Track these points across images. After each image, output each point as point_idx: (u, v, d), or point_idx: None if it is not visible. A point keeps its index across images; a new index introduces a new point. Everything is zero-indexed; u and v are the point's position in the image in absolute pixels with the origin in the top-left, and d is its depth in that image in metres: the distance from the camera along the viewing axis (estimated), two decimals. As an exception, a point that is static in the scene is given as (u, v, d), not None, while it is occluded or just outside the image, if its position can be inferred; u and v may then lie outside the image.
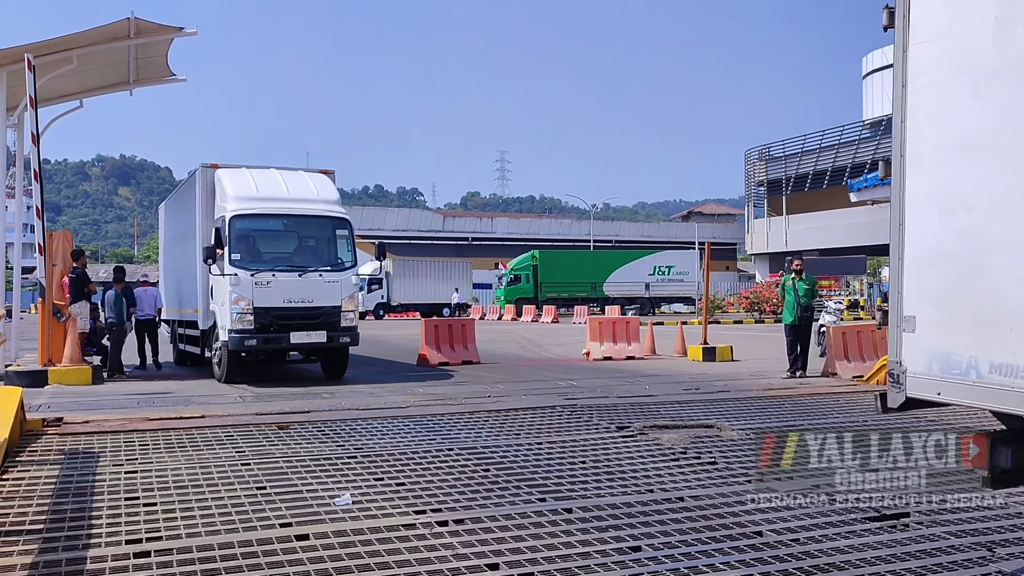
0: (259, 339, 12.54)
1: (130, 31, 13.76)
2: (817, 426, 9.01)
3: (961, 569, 4.61)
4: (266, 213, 13.25)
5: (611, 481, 6.60)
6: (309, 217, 13.62)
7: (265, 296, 12.56)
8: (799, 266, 13.57)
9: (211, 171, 13.96)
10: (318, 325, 12.88)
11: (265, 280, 12.61)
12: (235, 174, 13.77)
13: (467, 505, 5.89)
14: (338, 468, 7.00)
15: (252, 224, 13.16)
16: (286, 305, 12.70)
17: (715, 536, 5.20)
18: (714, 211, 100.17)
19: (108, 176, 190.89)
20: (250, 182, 13.55)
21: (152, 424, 8.91)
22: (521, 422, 9.38)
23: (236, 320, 12.43)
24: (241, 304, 12.43)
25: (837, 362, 13.32)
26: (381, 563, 4.67)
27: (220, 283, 12.85)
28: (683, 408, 10.27)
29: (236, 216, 12.83)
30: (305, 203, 13.59)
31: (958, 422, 9.20)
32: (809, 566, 4.66)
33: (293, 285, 12.84)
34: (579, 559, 4.76)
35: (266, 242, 13.62)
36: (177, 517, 5.57)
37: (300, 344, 12.96)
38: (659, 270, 49.86)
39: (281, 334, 12.70)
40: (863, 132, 55.37)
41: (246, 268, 12.62)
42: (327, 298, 13.03)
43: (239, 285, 12.48)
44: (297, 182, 14.02)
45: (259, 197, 13.28)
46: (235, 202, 13.02)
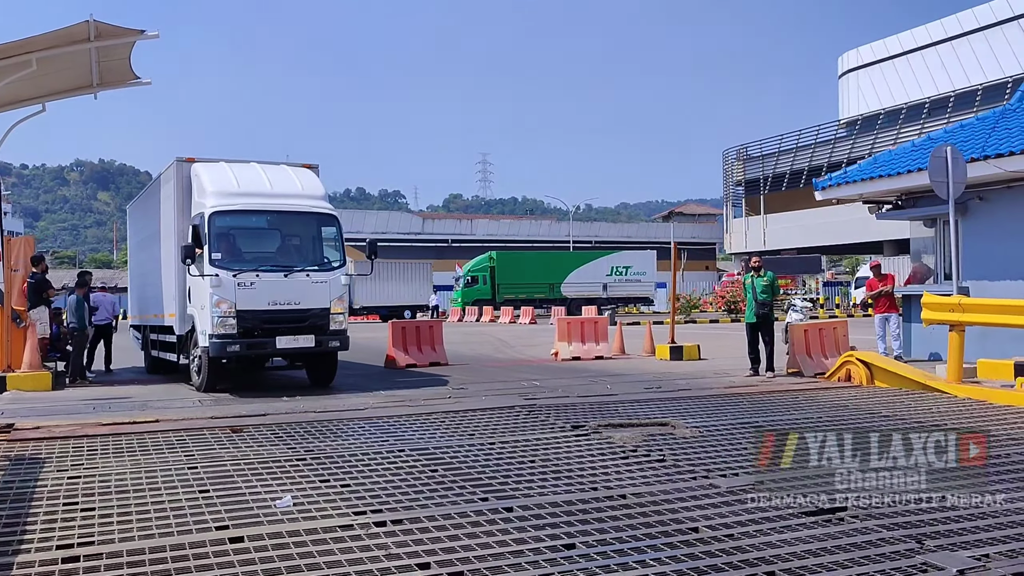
0: (242, 344, 11.77)
1: (90, 34, 13.59)
2: (770, 424, 9.05)
3: (888, 560, 4.64)
4: (248, 209, 12.48)
5: (557, 479, 6.61)
6: (294, 213, 12.88)
7: (248, 298, 11.77)
8: (757, 263, 13.65)
9: (187, 165, 13.11)
10: (306, 329, 12.13)
11: (248, 281, 11.82)
12: (214, 168, 12.97)
13: (408, 506, 5.88)
14: (285, 471, 6.98)
15: (233, 221, 12.39)
16: (271, 308, 11.94)
17: (651, 532, 5.21)
18: (695, 211, 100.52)
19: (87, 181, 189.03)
20: (230, 177, 12.73)
21: (103, 429, 8.85)
22: (477, 422, 9.38)
23: (217, 324, 11.65)
24: (223, 307, 11.63)
25: (800, 359, 13.40)
26: (311, 564, 4.66)
27: (199, 285, 12.03)
28: (641, 407, 10.30)
29: (216, 213, 12.04)
30: (289, 199, 12.84)
31: (899, 417, 9.30)
32: (739, 560, 4.68)
33: (278, 286, 12.05)
34: (511, 557, 4.77)
35: (248, 240, 12.91)
36: (113, 522, 5.53)
37: (287, 349, 12.20)
38: (616, 270, 49.90)
39: (266, 339, 11.92)
40: (839, 131, 55.79)
41: (228, 268, 11.81)
42: (315, 300, 12.28)
43: (220, 287, 11.66)
44: (280, 177, 13.25)
45: (240, 192, 12.46)
46: (214, 198, 12.24)
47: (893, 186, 15.40)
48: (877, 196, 16.39)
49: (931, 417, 9.29)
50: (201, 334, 12.04)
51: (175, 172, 13.15)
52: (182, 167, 13.10)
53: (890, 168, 15.40)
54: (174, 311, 13.16)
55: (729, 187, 63.74)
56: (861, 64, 56.24)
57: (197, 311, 12.23)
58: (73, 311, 14.18)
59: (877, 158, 17.28)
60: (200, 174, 12.73)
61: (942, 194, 12.05)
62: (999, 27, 46.56)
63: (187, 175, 13.02)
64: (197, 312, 12.23)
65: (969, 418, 9.22)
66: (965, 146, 14.06)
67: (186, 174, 13.05)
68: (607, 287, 48.68)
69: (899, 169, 15.04)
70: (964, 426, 8.67)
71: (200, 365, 12.35)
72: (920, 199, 15.28)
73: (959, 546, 4.87)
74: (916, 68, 51.45)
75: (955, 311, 10.99)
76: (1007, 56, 44.96)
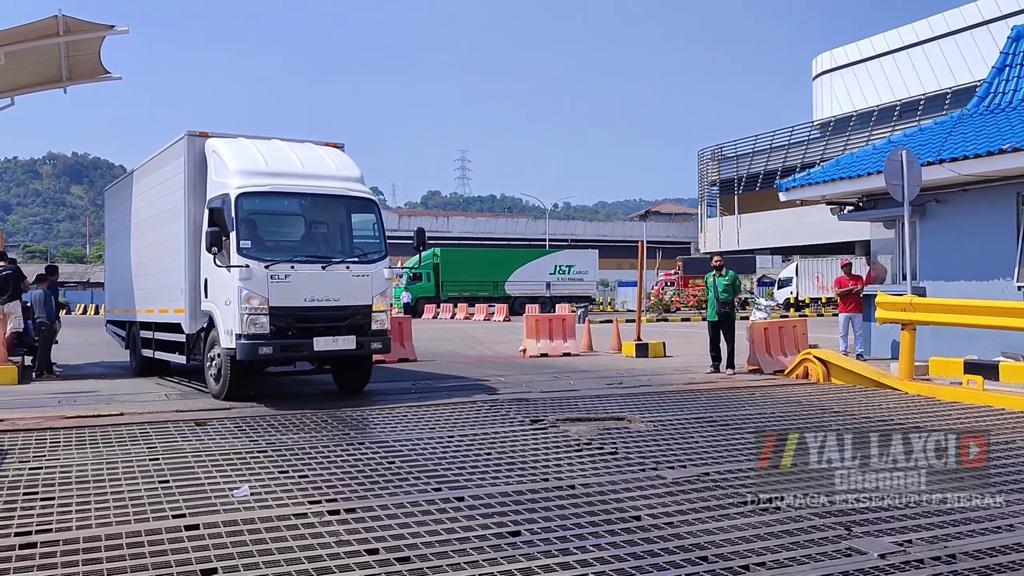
0: (276, 346, 10.24)
1: (59, 28, 13.63)
2: (723, 419, 9.30)
3: (816, 546, 4.88)
4: (280, 191, 10.93)
5: (510, 471, 6.81)
6: (330, 197, 11.31)
7: (283, 293, 10.29)
8: (718, 262, 13.94)
9: (200, 140, 11.46)
10: (345, 329, 10.66)
11: (282, 274, 10.32)
12: (235, 144, 11.37)
13: (363, 495, 6.05)
14: (246, 462, 7.13)
15: (264, 204, 10.95)
16: (308, 304, 10.45)
17: (594, 520, 5.42)
18: (671, 210, 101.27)
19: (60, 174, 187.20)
20: (255, 154, 11.14)
21: (68, 422, 8.95)
22: (439, 416, 9.57)
23: (247, 323, 10.12)
24: (253, 303, 10.13)
25: (759, 357, 13.70)
26: (264, 550, 4.82)
27: (222, 277, 10.49)
28: (601, 402, 10.54)
29: (244, 194, 10.47)
30: (324, 180, 11.23)
31: (849, 413, 9.58)
32: (675, 546, 4.90)
33: (315, 280, 10.56)
34: (457, 543, 4.96)
35: (280, 227, 11.62)
36: (72, 511, 5.67)
37: (325, 352, 10.66)
38: (559, 269, 50.19)
39: (302, 340, 10.40)
40: (812, 133, 56.38)
41: (259, 259, 10.27)
42: (356, 296, 10.83)
43: (251, 280, 10.13)
44: (310, 156, 11.65)
45: (269, 172, 10.87)
46: (240, 177, 10.62)
47: (854, 188, 15.74)
48: (839, 197, 16.73)
49: (880, 413, 9.58)
50: (226, 334, 10.46)
51: (185, 148, 11.49)
52: (194, 142, 11.47)
53: (851, 170, 15.74)
54: (182, 306, 11.56)
55: (704, 187, 64.20)
56: (835, 66, 56.88)
57: (218, 307, 10.73)
58: (42, 305, 14.20)
59: (839, 160, 17.65)
60: (219, 150, 11.13)
61: (897, 196, 12.38)
62: (969, 31, 47.30)
63: (200, 151, 11.42)
64: (217, 308, 10.73)
65: (916, 414, 9.52)
66: (923, 150, 14.43)
67: (199, 150, 11.43)
68: (550, 285, 48.90)
69: (860, 171, 15.39)
70: (909, 422, 8.97)
71: (220, 369, 10.81)
72: (880, 201, 15.63)
73: (884, 532, 5.12)
74: (888, 71, 52.18)
75: (906, 310, 11.32)
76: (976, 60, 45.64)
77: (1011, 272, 13.43)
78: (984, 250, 13.88)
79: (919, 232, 14.97)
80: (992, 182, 13.68)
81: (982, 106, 16.16)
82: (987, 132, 14.29)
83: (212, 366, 11.04)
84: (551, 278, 49.42)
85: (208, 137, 11.43)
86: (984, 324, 10.90)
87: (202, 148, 11.43)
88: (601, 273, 62.61)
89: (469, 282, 46.90)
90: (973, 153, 13.23)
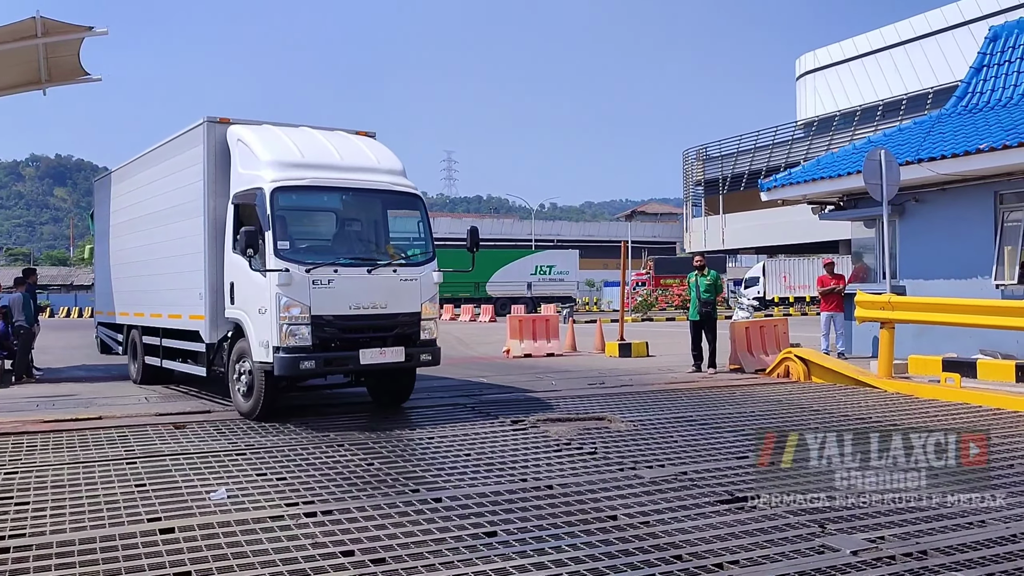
0: (318, 360, 9.13)
1: (37, 30, 13.56)
2: (703, 418, 9.34)
3: (789, 544, 4.91)
4: (320, 186, 9.81)
5: (488, 471, 6.82)
6: (374, 192, 10.20)
7: (326, 300, 9.19)
8: (700, 262, 14.00)
9: (221, 127, 10.35)
10: (393, 339, 9.60)
11: (325, 278, 9.23)
12: (264, 132, 10.23)
13: (340, 497, 6.05)
14: (224, 465, 7.11)
15: (300, 200, 9.89)
16: (353, 312, 9.37)
17: (571, 520, 5.44)
18: (657, 210, 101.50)
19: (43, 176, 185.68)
20: (289, 144, 10.01)
21: (45, 426, 8.90)
22: (419, 417, 9.57)
23: (286, 334, 9.01)
24: (293, 312, 9.02)
25: (740, 356, 13.76)
26: (238, 553, 4.82)
27: (254, 282, 9.36)
28: (582, 402, 10.56)
29: (280, 189, 9.35)
30: (365, 173, 10.13)
31: (828, 411, 9.64)
32: (650, 545, 4.93)
33: (361, 285, 9.47)
34: (433, 544, 4.97)
35: (319, 226, 10.57)
36: (46, 515, 5.65)
37: (372, 366, 9.55)
38: (540, 270, 50.15)
39: (347, 352, 9.31)
40: (796, 133, 56.69)
41: (299, 262, 9.14)
42: (404, 302, 9.74)
43: (290, 286, 9.01)
44: (347, 146, 10.52)
45: (306, 163, 9.76)
46: (274, 169, 9.49)
47: (835, 187, 15.84)
48: (820, 197, 16.83)
49: (858, 411, 9.65)
50: (260, 346, 9.29)
51: (204, 135, 10.39)
52: (214, 129, 10.38)
53: (832, 170, 15.83)
54: (200, 312, 10.40)
55: (689, 187, 64.43)
56: (818, 66, 57.21)
57: (248, 316, 9.55)
58: (20, 309, 14.10)
59: (820, 160, 17.74)
60: (246, 139, 10.03)
61: (876, 196, 12.46)
62: (950, 32, 47.70)
63: (221, 139, 10.33)
64: (248, 317, 9.56)
65: (894, 412, 9.59)
66: (901, 149, 14.53)
67: (220, 138, 10.34)
68: (531, 286, 48.87)
69: (840, 171, 15.48)
70: (887, 420, 9.04)
71: (252, 385, 9.56)
72: (860, 200, 15.73)
73: (857, 529, 5.17)
74: (871, 71, 52.54)
75: (885, 309, 11.40)
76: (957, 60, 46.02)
77: (989, 271, 13.54)
78: (963, 249, 13.99)
79: (899, 231, 15.08)
80: (970, 181, 13.79)
81: (960, 106, 16.30)
82: (965, 132, 14.41)
83: (241, 381, 9.77)
84: (532, 278, 49.39)
85: (230, 124, 10.37)
86: (962, 322, 10.98)
87: (223, 136, 10.35)
88: (587, 273, 62.70)
89: (449, 283, 46.81)
90: (951, 153, 13.33)
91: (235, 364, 9.91)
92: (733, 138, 59.48)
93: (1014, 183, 13.40)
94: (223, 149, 10.33)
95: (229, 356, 10.12)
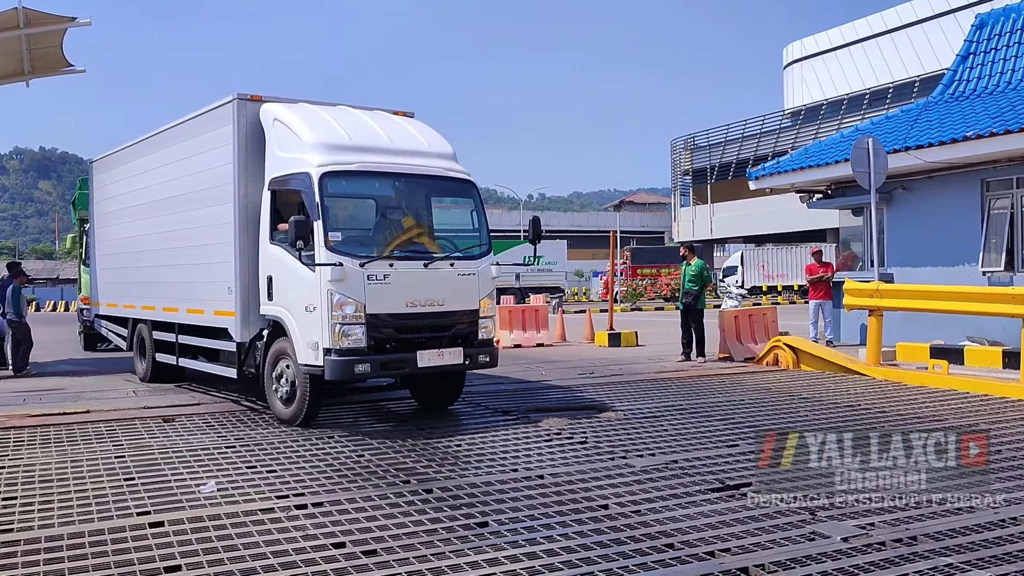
0: (373, 363, 8.32)
1: (19, 21, 13.40)
2: (693, 407, 9.36)
3: (780, 531, 4.93)
4: (372, 170, 8.95)
5: (479, 462, 6.82)
6: (428, 179, 9.39)
7: (381, 298, 8.37)
8: (685, 252, 14.04)
9: (253, 105, 9.45)
10: (450, 339, 8.78)
11: (381, 274, 8.40)
12: (304, 111, 9.35)
13: (331, 489, 6.03)
14: (213, 458, 7.07)
15: (351, 187, 9.01)
16: (410, 311, 8.58)
17: (562, 510, 5.44)
18: (645, 200, 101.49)
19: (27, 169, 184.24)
20: (333, 124, 9.15)
21: (32, 421, 8.83)
22: (408, 409, 9.55)
23: (339, 334, 8.18)
24: (347, 310, 8.20)
25: (729, 345, 13.80)
26: (228, 545, 4.80)
27: (300, 277, 8.53)
28: (572, 392, 10.58)
29: (329, 174, 8.47)
30: (417, 157, 9.28)
31: (818, 398, 9.68)
32: (641, 534, 4.93)
33: (417, 280, 8.66)
34: (424, 535, 4.96)
35: (369, 215, 9.54)
36: (35, 509, 5.61)
37: (430, 368, 8.70)
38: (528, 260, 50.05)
39: (403, 355, 8.49)
40: (783, 122, 56.78)
41: (353, 255, 8.32)
42: (462, 299, 8.93)
43: (344, 281, 8.18)
44: (394, 127, 9.65)
45: (355, 146, 8.89)
46: (321, 152, 8.61)
47: (823, 176, 15.86)
48: (808, 185, 16.86)
49: (847, 399, 9.69)
50: (308, 347, 8.42)
51: (234, 113, 9.47)
52: (245, 107, 9.47)
53: (819, 158, 15.86)
54: (230, 308, 9.53)
55: (677, 176, 64.50)
56: (805, 55, 57.29)
57: (291, 313, 8.71)
58: (10, 302, 14.00)
59: (808, 149, 17.77)
60: (285, 118, 9.16)
61: (864, 184, 12.49)
62: (937, 20, 47.83)
63: (254, 118, 9.44)
64: (290, 315, 8.70)
65: (882, 399, 9.64)
66: (889, 137, 14.56)
67: (252, 117, 9.45)
68: (519, 276, 48.81)
69: (828, 159, 15.50)
70: (875, 407, 9.08)
71: (293, 389, 8.73)
72: (848, 188, 15.77)
73: (848, 516, 5.19)
74: (858, 59, 52.65)
75: (873, 297, 11.45)
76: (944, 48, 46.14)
77: (976, 258, 13.60)
78: (950, 236, 14.05)
79: (886, 219, 15.13)
80: (957, 169, 13.84)
81: (947, 94, 16.34)
82: (951, 120, 14.45)
83: (280, 385, 8.90)
84: (520, 269, 49.37)
85: (263, 101, 9.50)
86: (950, 309, 11.04)
87: (256, 115, 9.45)
88: (576, 263, 62.68)
89: None
90: (938, 141, 13.37)
91: (271, 366, 9.03)
92: (721, 127, 59.54)
93: (1000, 170, 13.46)
94: (256, 129, 9.44)
95: (264, 357, 9.19)
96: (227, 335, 9.72)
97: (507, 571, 4.34)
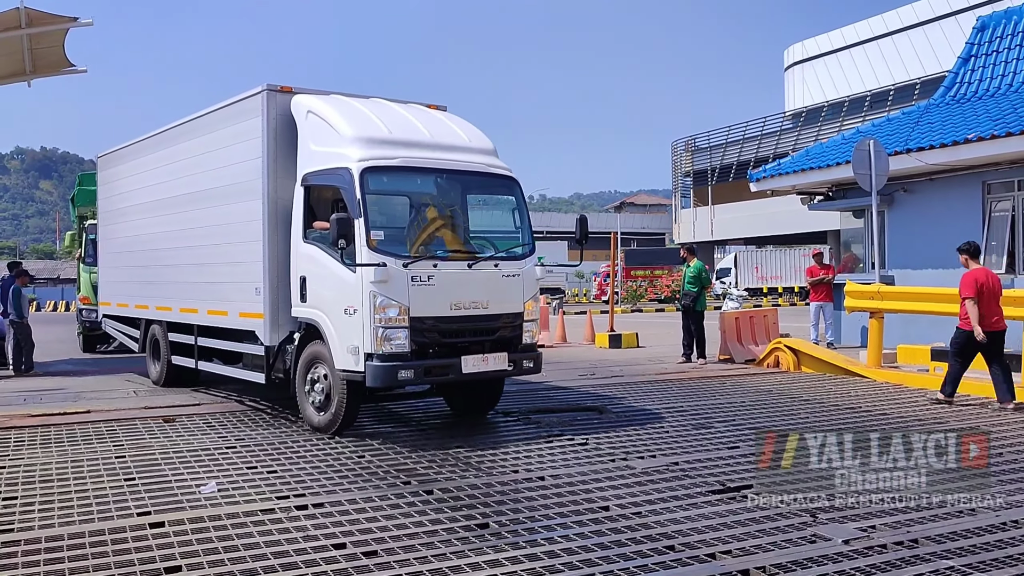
0: (417, 369, 7.82)
1: (21, 21, 13.41)
2: (694, 408, 9.36)
3: (781, 533, 4.93)
4: (415, 166, 8.49)
5: (480, 463, 6.81)
6: (471, 175, 8.94)
7: (425, 300, 7.89)
8: (685, 254, 14.04)
9: (283, 96, 8.97)
10: (493, 344, 8.32)
11: (425, 275, 7.93)
12: (340, 104, 8.88)
13: (332, 490, 6.03)
14: (214, 458, 7.07)
15: (392, 183, 8.59)
16: (454, 314, 8.11)
17: (563, 512, 5.44)
18: (646, 201, 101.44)
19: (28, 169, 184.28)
20: (371, 118, 8.68)
21: (33, 421, 8.83)
22: (410, 410, 9.54)
23: (381, 339, 7.70)
24: (390, 313, 7.74)
25: (730, 346, 13.79)
26: (229, 547, 4.79)
27: (339, 277, 8.06)
28: (573, 393, 10.57)
29: (370, 170, 8.02)
30: (458, 153, 8.85)
31: (819, 400, 9.66)
32: (643, 536, 4.93)
33: (461, 282, 8.19)
34: (425, 536, 4.96)
35: (412, 213, 8.99)
36: (35, 510, 5.61)
37: (475, 374, 8.20)
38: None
39: (448, 360, 7.99)
40: (784, 123, 56.76)
41: (396, 255, 7.88)
42: (506, 301, 8.46)
43: (387, 283, 7.71)
44: (433, 121, 9.24)
45: (394, 140, 8.44)
46: (361, 147, 8.16)
47: (824, 178, 15.86)
48: (809, 187, 16.86)
49: (848, 401, 9.68)
50: (347, 352, 7.93)
51: (263, 105, 8.98)
52: (275, 98, 8.99)
53: (820, 160, 15.85)
54: (258, 309, 9.05)
55: (678, 178, 64.50)
56: (806, 57, 57.27)
57: (327, 316, 8.22)
58: (12, 302, 14.00)
59: (809, 151, 17.77)
60: (320, 111, 8.70)
61: (865, 186, 12.48)
62: (938, 22, 47.82)
63: (284, 111, 8.99)
64: (327, 318, 8.22)
65: (883, 401, 9.63)
66: (890, 139, 14.55)
67: (283, 109, 8.99)
68: None
69: (829, 161, 15.50)
70: (876, 409, 9.08)
71: (328, 396, 8.26)
72: (849, 190, 15.76)
73: (849, 519, 5.19)
74: (859, 61, 52.64)
75: (874, 299, 11.44)
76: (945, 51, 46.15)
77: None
78: (951, 238, 13.92)
79: (887, 221, 15.12)
80: (958, 171, 13.83)
81: (948, 96, 16.33)
82: (953, 122, 14.44)
83: (314, 392, 8.43)
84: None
85: (293, 93, 9.02)
86: (951, 311, 11.00)
87: (287, 107, 8.99)
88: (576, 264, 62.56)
89: None
90: (939, 143, 13.36)
91: (304, 371, 8.54)
92: (722, 129, 59.54)
93: (1001, 173, 13.45)
94: (286, 122, 8.97)
95: (296, 362, 8.69)
96: (252, 338, 9.25)
97: (508, 572, 4.34)
